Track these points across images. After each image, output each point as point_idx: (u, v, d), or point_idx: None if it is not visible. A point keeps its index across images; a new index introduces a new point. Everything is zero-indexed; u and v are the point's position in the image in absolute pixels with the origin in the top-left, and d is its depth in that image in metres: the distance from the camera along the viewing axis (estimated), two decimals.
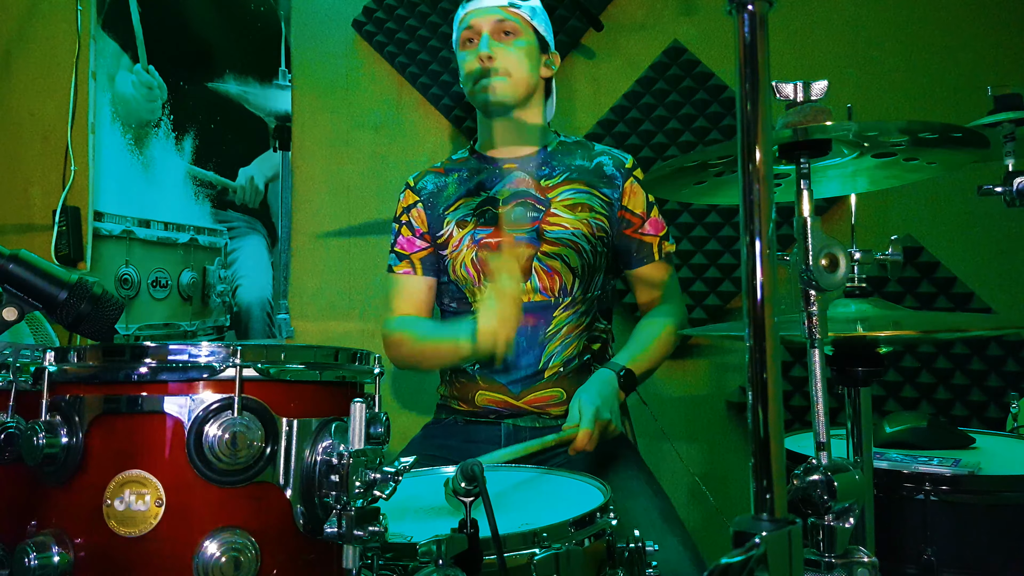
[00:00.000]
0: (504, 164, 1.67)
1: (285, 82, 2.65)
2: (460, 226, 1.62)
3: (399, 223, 1.72)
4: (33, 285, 0.84)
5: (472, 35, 1.63)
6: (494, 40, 1.60)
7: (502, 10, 1.61)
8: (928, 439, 1.33)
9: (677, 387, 2.37)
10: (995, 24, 2.17)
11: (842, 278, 0.80)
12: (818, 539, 0.78)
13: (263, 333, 2.57)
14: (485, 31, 1.60)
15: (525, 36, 1.63)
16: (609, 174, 1.65)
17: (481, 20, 1.61)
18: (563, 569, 0.87)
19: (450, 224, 1.63)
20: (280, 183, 2.64)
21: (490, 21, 1.61)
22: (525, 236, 1.58)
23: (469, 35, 1.63)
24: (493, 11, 1.61)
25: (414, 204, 1.70)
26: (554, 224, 1.58)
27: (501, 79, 1.59)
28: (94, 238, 1.97)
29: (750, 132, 0.64)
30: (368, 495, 0.72)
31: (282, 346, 1.63)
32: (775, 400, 0.63)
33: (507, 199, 1.62)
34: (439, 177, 1.72)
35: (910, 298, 2.16)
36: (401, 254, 1.69)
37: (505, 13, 1.61)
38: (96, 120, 1.99)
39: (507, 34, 1.61)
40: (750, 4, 0.65)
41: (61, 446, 0.70)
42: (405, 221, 1.70)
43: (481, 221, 1.60)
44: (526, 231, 1.58)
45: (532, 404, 1.55)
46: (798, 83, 0.89)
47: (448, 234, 1.63)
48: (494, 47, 1.59)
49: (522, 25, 1.62)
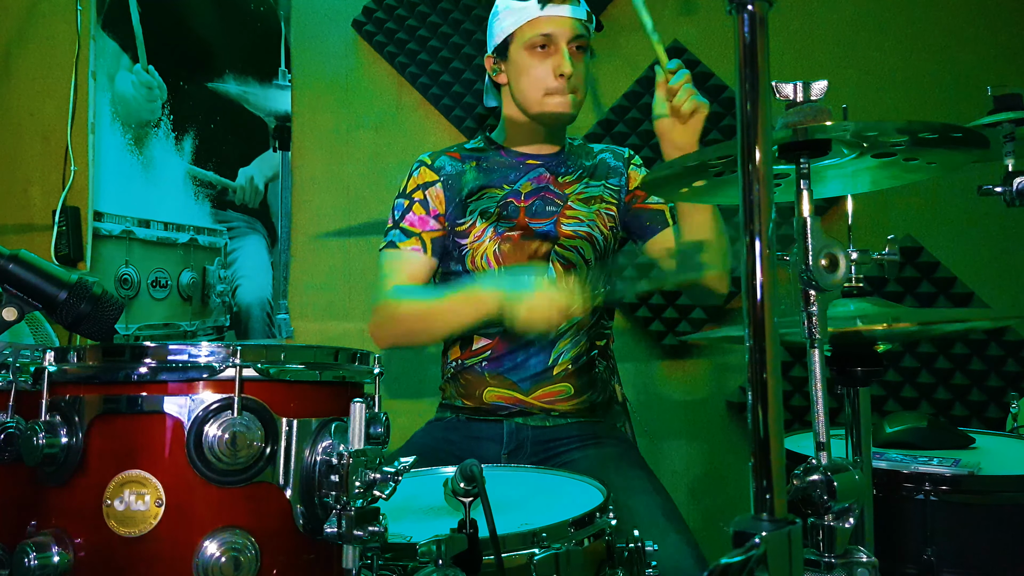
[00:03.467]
0: (528, 160, 1.66)
1: (285, 82, 2.65)
2: (483, 217, 1.60)
3: (409, 199, 1.64)
4: (33, 285, 0.84)
5: (548, 43, 1.54)
6: (571, 54, 1.53)
7: (581, 24, 1.55)
8: (928, 439, 1.33)
9: (677, 387, 2.37)
10: (995, 24, 2.17)
11: (842, 278, 0.79)
12: (818, 539, 0.78)
13: (263, 333, 2.57)
14: (564, 44, 1.53)
15: (588, 49, 1.59)
16: (613, 166, 1.68)
17: (562, 31, 1.53)
18: (563, 569, 0.87)
19: (473, 214, 1.60)
20: (280, 183, 2.64)
21: (569, 33, 1.53)
22: (543, 230, 1.59)
23: (543, 41, 1.54)
24: (575, 25, 1.54)
25: (433, 183, 1.64)
26: (571, 218, 1.60)
27: (572, 97, 1.55)
28: (94, 238, 1.97)
29: (750, 132, 0.64)
30: (368, 495, 0.72)
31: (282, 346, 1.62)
32: (775, 400, 0.63)
33: (528, 194, 1.62)
34: (455, 161, 1.67)
35: (910, 298, 2.17)
36: (410, 231, 1.61)
37: (582, 28, 1.55)
38: (96, 120, 1.99)
39: (580, 49, 1.56)
40: (750, 4, 0.65)
41: (61, 446, 0.70)
42: (419, 199, 1.63)
43: (504, 213, 1.60)
44: (544, 225, 1.59)
45: (541, 399, 1.56)
46: (798, 83, 0.89)
47: (471, 224, 1.60)
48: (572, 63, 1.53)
49: (588, 39, 1.58)
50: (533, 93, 1.56)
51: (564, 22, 1.53)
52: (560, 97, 1.55)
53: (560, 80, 1.53)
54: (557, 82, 1.53)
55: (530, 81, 1.56)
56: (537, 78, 1.55)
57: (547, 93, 1.55)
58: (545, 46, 1.54)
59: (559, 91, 1.54)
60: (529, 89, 1.57)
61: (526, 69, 1.56)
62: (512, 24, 1.57)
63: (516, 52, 1.57)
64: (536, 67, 1.55)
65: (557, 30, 1.53)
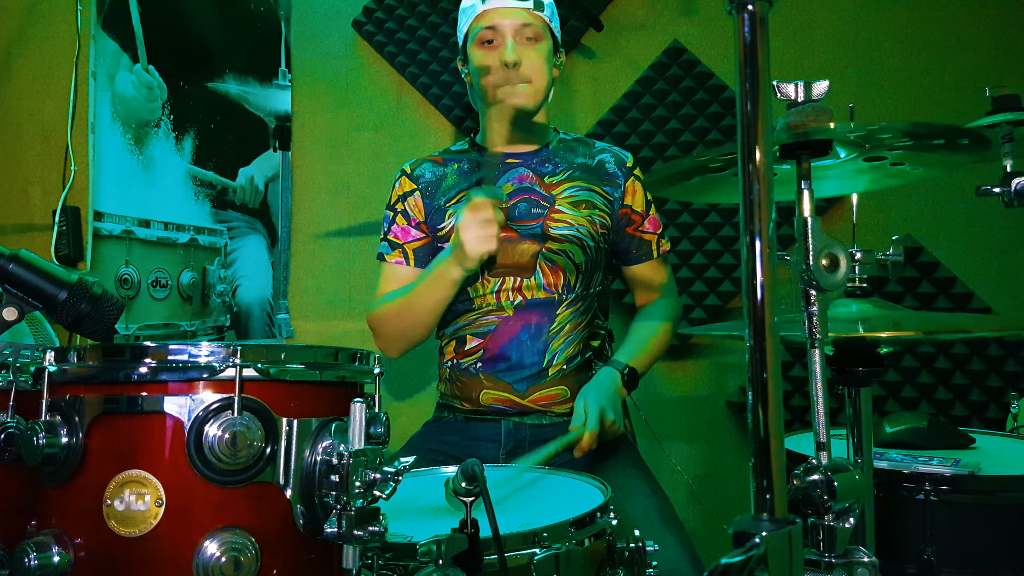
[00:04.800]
0: (507, 159, 1.64)
1: (285, 82, 2.65)
2: None
3: (393, 211, 1.68)
4: (33, 285, 0.84)
5: (493, 35, 1.55)
6: (517, 44, 1.54)
7: (527, 14, 1.54)
8: (928, 439, 1.33)
9: (677, 387, 2.37)
10: (995, 24, 2.17)
11: (842, 278, 0.79)
12: (818, 539, 0.78)
13: (263, 333, 2.57)
14: (509, 35, 1.54)
15: (545, 40, 1.58)
16: (611, 172, 1.65)
17: (505, 21, 1.54)
18: (563, 569, 0.87)
19: (452, 217, 1.61)
20: (280, 183, 2.64)
21: (515, 24, 1.54)
22: (529, 233, 1.57)
23: (489, 35, 1.55)
24: (519, 13, 1.54)
25: (411, 192, 1.67)
26: (559, 221, 1.58)
27: (523, 87, 1.55)
28: (94, 238, 1.97)
29: (750, 132, 0.64)
30: (368, 495, 0.72)
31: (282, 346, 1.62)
32: (775, 400, 0.63)
33: (511, 194, 1.60)
34: (437, 167, 1.68)
35: (910, 298, 2.17)
36: (394, 243, 1.66)
37: (530, 17, 1.55)
38: (96, 120, 1.99)
39: (529, 39, 1.55)
40: (750, 4, 0.65)
41: (61, 446, 0.70)
42: (400, 209, 1.67)
43: None
44: (530, 227, 1.57)
45: (537, 403, 1.55)
46: (799, 83, 0.89)
47: (450, 227, 1.60)
48: (518, 52, 1.53)
49: (543, 29, 1.57)
50: (483, 88, 1.58)
51: (508, 12, 1.54)
52: (509, 87, 1.55)
53: (506, 70, 1.53)
54: (505, 72, 1.53)
55: (482, 76, 1.57)
56: (487, 73, 1.56)
57: (496, 86, 1.55)
58: (492, 40, 1.56)
59: (508, 81, 1.54)
60: (483, 88, 1.58)
61: (475, 62, 1.58)
62: (465, 23, 1.61)
63: (471, 50, 1.60)
64: (484, 60, 1.56)
65: (501, 21, 1.54)
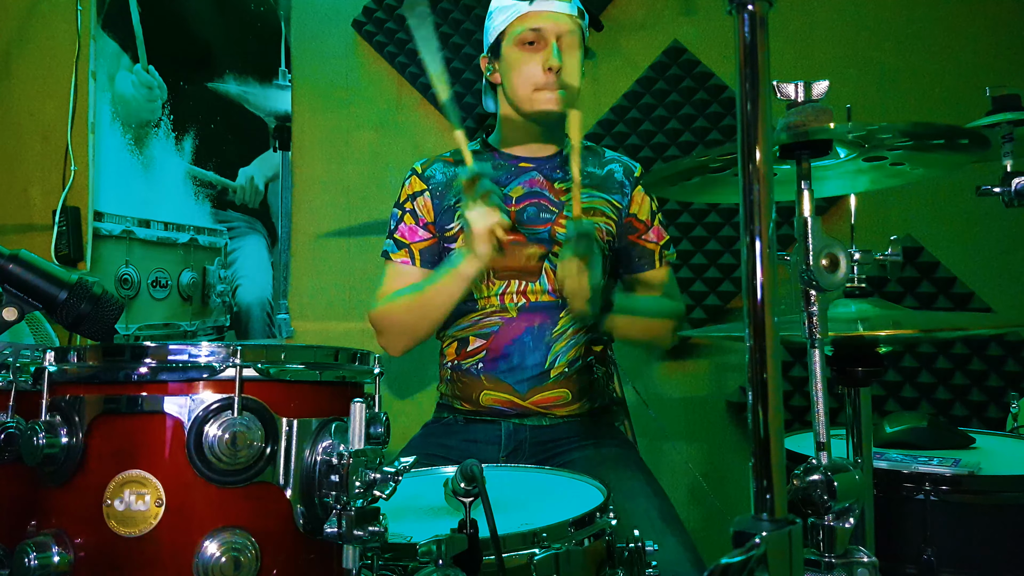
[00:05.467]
0: (520, 163, 1.65)
1: (285, 82, 2.65)
2: None
3: (402, 209, 1.67)
4: (33, 285, 0.84)
5: (537, 38, 1.53)
6: (560, 49, 1.52)
7: (571, 19, 1.54)
8: (928, 439, 1.33)
9: (677, 387, 2.37)
10: (995, 24, 2.17)
11: (842, 278, 0.79)
12: (818, 539, 0.78)
13: (263, 333, 2.57)
14: (553, 39, 1.52)
15: (580, 48, 1.58)
16: (619, 181, 1.66)
17: (550, 26, 1.52)
18: (563, 569, 0.87)
19: (460, 218, 1.58)
20: (280, 183, 2.64)
21: (559, 29, 1.53)
22: (537, 237, 1.56)
23: (532, 37, 1.53)
24: (563, 19, 1.53)
25: (421, 192, 1.66)
26: (566, 227, 1.58)
27: (562, 93, 1.54)
28: (94, 238, 1.97)
29: (750, 132, 0.64)
30: (368, 495, 0.72)
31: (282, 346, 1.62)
32: (775, 400, 0.63)
33: (520, 198, 1.60)
34: (448, 167, 1.68)
35: (910, 298, 2.17)
36: (401, 242, 1.65)
37: (573, 24, 1.54)
38: (96, 120, 1.99)
39: (570, 45, 1.55)
40: (750, 4, 0.65)
41: (61, 446, 0.70)
42: (409, 209, 1.66)
43: None
44: (538, 232, 1.57)
45: (538, 404, 1.55)
46: (799, 83, 0.89)
47: (458, 228, 1.60)
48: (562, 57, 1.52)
49: (580, 36, 1.57)
50: (523, 90, 1.56)
51: (553, 16, 1.53)
52: (549, 93, 1.54)
53: (549, 75, 1.52)
54: (546, 76, 1.52)
55: (520, 77, 1.55)
56: (526, 74, 1.54)
57: (536, 89, 1.54)
58: (534, 42, 1.53)
59: (548, 86, 1.53)
60: (520, 86, 1.56)
61: (516, 65, 1.55)
62: (503, 21, 1.57)
63: (507, 49, 1.57)
64: (525, 62, 1.54)
65: (546, 24, 1.52)
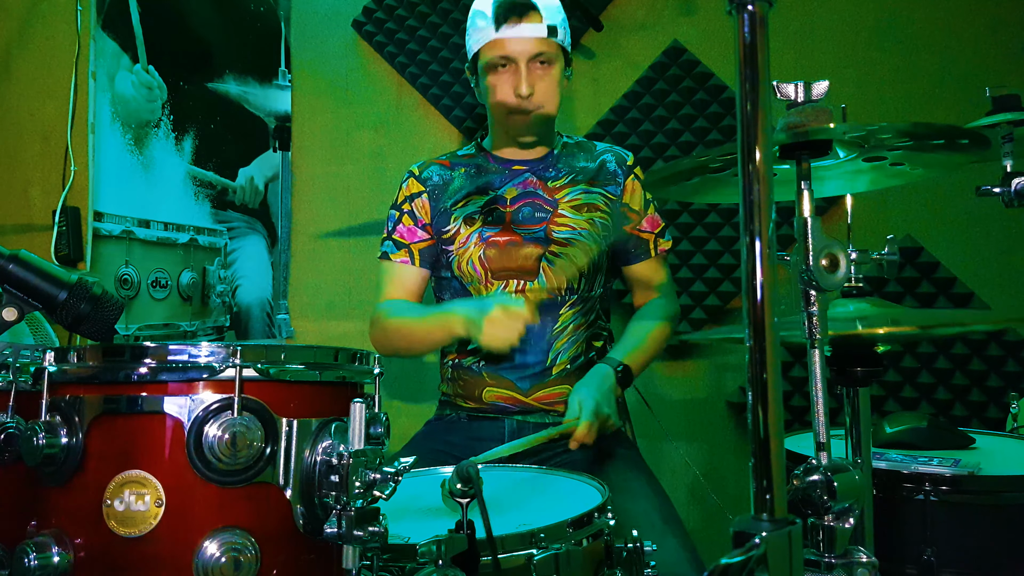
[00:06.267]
0: (513, 165, 1.67)
1: (285, 82, 2.65)
2: (467, 223, 1.62)
3: (399, 210, 1.70)
4: (33, 285, 0.84)
5: (506, 62, 1.55)
6: (531, 73, 1.54)
7: (541, 42, 1.54)
8: (928, 439, 1.33)
9: (677, 387, 2.37)
10: (995, 24, 2.17)
11: (842, 278, 0.79)
12: (818, 539, 0.78)
13: (263, 333, 2.57)
14: (523, 64, 1.54)
15: (558, 63, 1.58)
16: (612, 171, 1.67)
17: (519, 50, 1.54)
18: (562, 569, 0.87)
19: (457, 220, 1.63)
20: (280, 183, 2.64)
21: (528, 52, 1.54)
22: (533, 236, 1.59)
23: (502, 60, 1.55)
24: (531, 43, 1.54)
25: (419, 194, 1.69)
26: (561, 225, 1.60)
27: (537, 114, 1.57)
28: (94, 238, 1.97)
29: (750, 132, 0.64)
30: (368, 495, 0.72)
31: (282, 346, 1.62)
32: (775, 400, 0.63)
33: (514, 199, 1.62)
34: (444, 170, 1.70)
35: (910, 298, 2.16)
36: (400, 242, 1.68)
37: (544, 44, 1.54)
38: (96, 120, 1.99)
39: (542, 63, 1.55)
40: (750, 4, 0.65)
41: (61, 446, 0.70)
42: (407, 210, 1.69)
43: (489, 219, 1.61)
44: (534, 231, 1.59)
45: (541, 401, 1.56)
46: (799, 83, 0.89)
47: (455, 230, 1.63)
48: (531, 80, 1.54)
49: (556, 52, 1.57)
50: (497, 113, 1.61)
51: (521, 43, 1.54)
52: (522, 116, 1.57)
53: (525, 100, 1.54)
54: (518, 101, 1.55)
55: (493, 100, 1.59)
56: (499, 97, 1.58)
57: (509, 112, 1.58)
58: (505, 65, 1.56)
59: (520, 108, 1.56)
60: (494, 108, 1.61)
61: (489, 88, 1.59)
62: (476, 43, 1.61)
63: (481, 71, 1.61)
64: (498, 86, 1.58)
65: (515, 49, 1.54)
